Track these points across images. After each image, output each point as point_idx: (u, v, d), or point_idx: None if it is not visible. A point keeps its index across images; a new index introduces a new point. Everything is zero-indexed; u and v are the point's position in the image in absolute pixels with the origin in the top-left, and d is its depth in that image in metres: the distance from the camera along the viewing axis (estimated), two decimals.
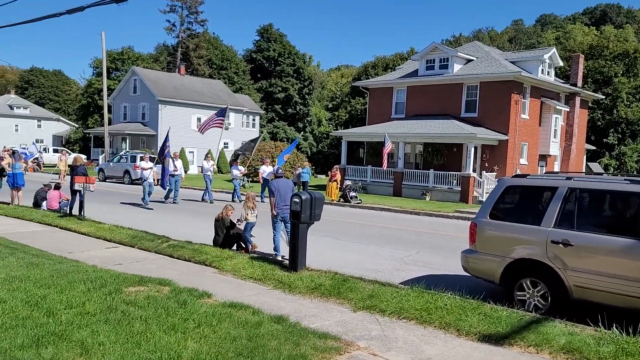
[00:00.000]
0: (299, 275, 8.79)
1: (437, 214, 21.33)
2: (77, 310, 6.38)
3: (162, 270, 9.23)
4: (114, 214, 16.98)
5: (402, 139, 29.47)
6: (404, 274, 10.01)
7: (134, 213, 17.88)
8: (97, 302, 6.74)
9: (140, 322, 6.10)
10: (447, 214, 21.26)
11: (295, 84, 64.13)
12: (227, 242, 11.31)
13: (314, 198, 9.32)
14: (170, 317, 6.34)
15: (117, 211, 18.16)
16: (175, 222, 16.23)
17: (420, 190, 28.15)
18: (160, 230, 13.43)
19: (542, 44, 71.07)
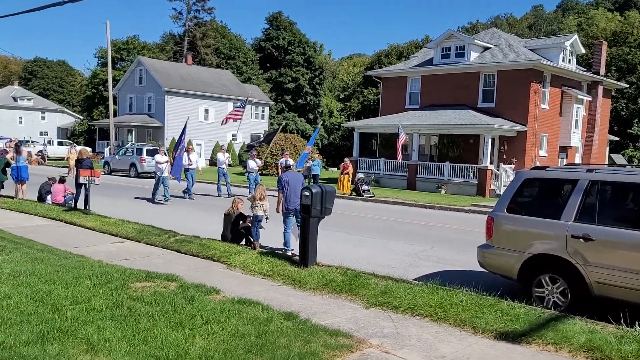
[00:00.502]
0: (309, 271, 8.82)
1: (452, 207, 21.25)
2: (83, 306, 6.46)
3: (169, 266, 9.31)
4: (119, 208, 17.14)
5: (417, 130, 29.35)
6: (418, 270, 10.01)
7: (141, 207, 18.02)
8: (103, 298, 6.81)
9: (147, 318, 6.16)
10: (463, 207, 21.18)
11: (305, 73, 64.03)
12: (235, 237, 11.36)
13: (324, 191, 9.32)
14: (178, 313, 6.39)
15: (123, 205, 18.31)
16: (184, 216, 16.33)
17: (435, 184, 28.06)
18: (168, 224, 13.53)
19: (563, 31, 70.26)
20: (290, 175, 10.73)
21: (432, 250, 12.23)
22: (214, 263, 9.71)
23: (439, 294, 7.55)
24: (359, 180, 24.89)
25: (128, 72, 51.38)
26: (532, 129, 28.50)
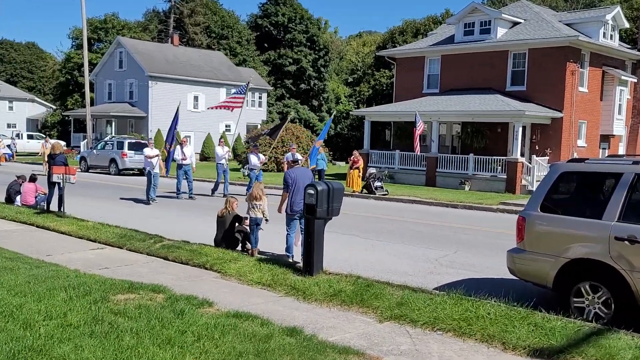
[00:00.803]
0: (314, 280, 8.83)
1: (478, 206, 21.24)
2: (58, 322, 6.49)
3: (155, 275, 9.34)
4: (98, 210, 17.20)
5: (436, 118, 29.32)
6: (439, 278, 10.00)
7: (123, 208, 18.09)
8: (81, 313, 6.84)
9: (131, 335, 6.18)
10: (490, 206, 21.17)
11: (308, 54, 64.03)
12: (230, 242, 11.38)
13: (331, 189, 9.32)
14: (166, 329, 6.41)
15: (103, 206, 18.38)
16: (172, 219, 16.37)
17: (458, 179, 28.03)
18: (154, 228, 13.58)
19: (604, 2, 69.91)
20: (299, 171, 10.71)
21: (455, 255, 12.21)
22: (206, 272, 9.74)
23: (463, 306, 7.54)
24: (371, 175, 24.90)
25: (106, 55, 51.56)
26: (569, 116, 28.40)
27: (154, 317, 6.79)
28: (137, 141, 34.82)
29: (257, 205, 11.08)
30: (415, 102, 31.72)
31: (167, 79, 48.04)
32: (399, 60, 35.02)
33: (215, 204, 18.73)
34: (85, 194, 21.36)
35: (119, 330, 6.30)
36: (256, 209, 11.09)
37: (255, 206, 11.09)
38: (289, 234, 10.62)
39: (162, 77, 47.74)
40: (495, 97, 29.04)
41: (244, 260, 10.14)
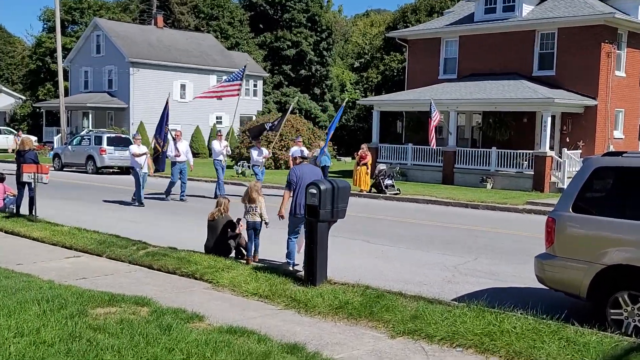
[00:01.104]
0: (318, 291, 8.84)
1: (501, 206, 21.25)
2: (30, 339, 6.51)
3: (138, 286, 9.36)
4: (75, 213, 17.25)
5: (454, 108, 29.31)
6: (458, 288, 10.01)
7: (103, 211, 18.13)
8: (56, 328, 6.86)
9: (112, 353, 6.20)
10: (516, 206, 21.18)
11: (309, 36, 64.00)
12: (223, 248, 11.40)
13: (336, 188, 9.32)
14: (151, 346, 6.43)
15: (80, 209, 18.43)
16: (158, 223, 16.40)
17: (479, 176, 28.02)
18: (137, 233, 13.61)
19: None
20: (306, 169, 10.69)
21: (476, 262, 12.22)
22: (196, 282, 9.76)
23: (485, 319, 7.54)
24: (381, 172, 24.90)
25: (82, 39, 51.65)
26: (604, 104, 28.36)
27: (137, 333, 6.80)
28: (118, 135, 34.86)
29: (253, 207, 11.08)
30: (430, 89, 31.70)
31: (150, 66, 48.12)
32: (412, 42, 34.99)
33: (211, 207, 18.77)
34: (59, 196, 21.42)
35: (99, 348, 6.32)
36: (253, 212, 11.09)
37: (252, 209, 11.08)
38: (290, 238, 10.62)
39: (144, 64, 47.80)
40: (521, 83, 29.00)
41: (238, 268, 10.16)
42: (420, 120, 31.87)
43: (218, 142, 22.20)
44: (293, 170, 10.63)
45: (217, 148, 22.06)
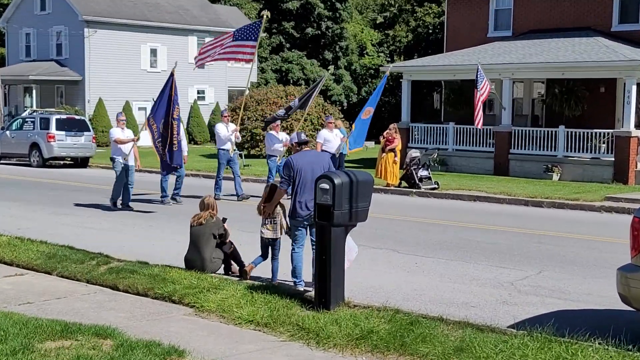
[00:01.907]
0: (333, 316, 8.81)
1: (572, 203, 21.16)
2: None
3: (99, 312, 9.35)
4: (17, 219, 17.26)
5: (509, 75, 29.14)
6: (516, 310, 9.96)
7: (54, 216, 18.14)
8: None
9: None
10: (591, 203, 21.10)
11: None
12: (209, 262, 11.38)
13: (355, 182, 9.27)
14: None
15: (22, 214, 18.47)
16: (126, 229, 16.45)
17: (542, 164, 27.90)
18: (99, 244, 13.62)
19: None
20: (308, 158, 10.65)
21: (540, 276, 12.15)
22: (174, 306, 9.73)
23: (553, 351, 7.49)
24: (413, 161, 24.77)
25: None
26: None
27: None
28: (70, 117, 34.93)
29: (273, 218, 10.97)
30: (477, 51, 31.55)
31: (111, 25, 48.14)
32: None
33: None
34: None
35: None
36: (272, 224, 11.01)
37: (271, 220, 11.01)
38: (295, 249, 10.60)
39: (103, 23, 47.81)
40: (596, 41, 28.83)
41: (228, 288, 10.12)
42: (463, 91, 31.73)
43: (224, 126, 21.82)
44: (290, 160, 10.55)
45: (223, 133, 21.59)
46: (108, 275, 11.08)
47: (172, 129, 17.62)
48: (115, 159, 19.62)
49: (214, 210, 11.61)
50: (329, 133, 22.83)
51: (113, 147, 19.79)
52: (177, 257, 11.98)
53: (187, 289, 10.10)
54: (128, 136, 19.86)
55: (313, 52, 64.22)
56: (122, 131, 19.82)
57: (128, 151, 19.41)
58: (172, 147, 17.81)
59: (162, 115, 17.87)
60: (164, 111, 17.83)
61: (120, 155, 19.46)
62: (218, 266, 11.53)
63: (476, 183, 25.61)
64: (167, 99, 17.83)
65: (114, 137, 19.70)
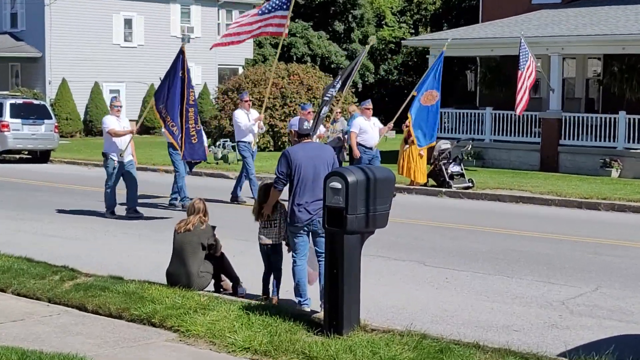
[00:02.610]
0: (346, 343, 8.80)
1: (635, 205, 21.13)
2: None
3: (64, 338, 9.34)
4: None
5: (557, 51, 29.07)
6: (568, 335, 9.95)
7: (10, 221, 18.13)
8: None
9: None
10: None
11: None
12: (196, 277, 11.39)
13: (373, 180, 9.26)
14: None
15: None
16: (97, 237, 16.48)
17: (599, 157, 27.83)
18: (62, 255, 13.64)
19: None
20: (308, 151, 10.65)
21: (596, 294, 12.12)
22: (155, 330, 9.72)
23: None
24: (442, 154, 24.71)
25: None
26: None
27: None
28: (28, 102, 34.92)
29: (273, 222, 11.04)
30: (520, 20, 31.53)
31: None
32: None
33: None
34: None
35: None
36: (272, 229, 11.06)
37: (271, 224, 11.06)
38: (296, 261, 10.63)
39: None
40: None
41: (220, 308, 10.10)
42: (502, 70, 31.71)
43: (244, 113, 21.23)
44: (285, 156, 10.53)
45: (244, 122, 21.08)
46: (74, 293, 11.07)
47: (187, 118, 17.20)
48: (108, 155, 18.98)
49: (205, 216, 11.59)
50: (366, 121, 22.07)
51: (106, 141, 19.12)
52: (158, 270, 12.00)
53: (170, 310, 10.08)
54: (125, 127, 19.17)
55: (321, 23, 64.19)
56: (117, 120, 19.10)
57: (125, 146, 18.82)
58: (191, 139, 17.37)
59: (176, 103, 17.38)
60: (177, 98, 17.37)
61: (116, 151, 18.80)
62: (207, 282, 11.52)
63: (519, 181, 25.58)
64: (179, 82, 17.44)
65: (108, 127, 18.92)
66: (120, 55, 48.79)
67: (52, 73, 47.27)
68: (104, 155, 19.31)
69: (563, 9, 31.55)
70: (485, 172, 28.20)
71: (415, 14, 66.99)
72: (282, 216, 11.07)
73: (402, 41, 49.14)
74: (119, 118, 19.23)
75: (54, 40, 47.33)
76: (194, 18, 52.38)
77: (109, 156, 18.89)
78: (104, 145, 19.28)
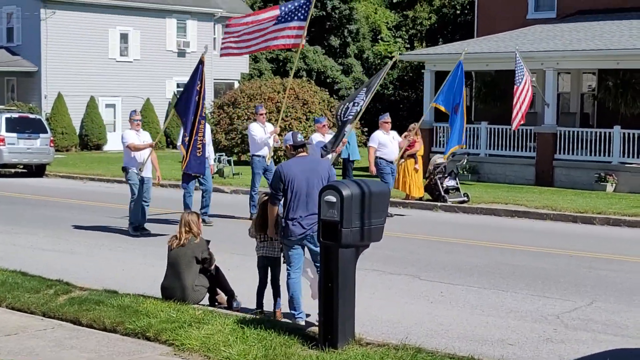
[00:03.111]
0: (340, 357, 8.77)
1: (630, 220, 21.14)
2: None
3: (58, 352, 9.32)
4: None
5: (552, 65, 29.12)
6: (564, 349, 9.94)
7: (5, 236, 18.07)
8: None
9: None
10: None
11: None
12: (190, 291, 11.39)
13: (368, 194, 9.25)
14: None
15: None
16: (92, 251, 16.46)
17: (594, 172, 27.85)
18: (57, 269, 13.61)
19: None
20: (302, 165, 10.64)
21: (591, 307, 12.12)
22: (150, 344, 9.69)
23: None
24: (437, 168, 24.70)
25: None
26: None
27: None
28: (23, 116, 34.86)
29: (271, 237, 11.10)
30: (515, 35, 31.58)
31: (72, 5, 48.13)
32: None
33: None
34: None
35: None
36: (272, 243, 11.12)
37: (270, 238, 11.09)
38: (290, 274, 10.63)
39: (63, 2, 47.72)
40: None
41: (214, 322, 10.09)
42: (498, 84, 31.75)
43: (260, 127, 20.77)
44: (277, 171, 10.53)
45: (259, 135, 20.65)
46: (69, 306, 11.05)
47: (197, 130, 17.00)
48: (128, 169, 18.68)
49: (198, 229, 11.59)
50: (385, 135, 21.88)
51: (126, 155, 18.82)
52: (153, 284, 11.98)
53: (165, 324, 10.07)
54: (144, 140, 18.93)
55: (316, 38, 64.22)
56: (137, 134, 18.83)
57: (145, 160, 18.47)
58: (196, 152, 17.22)
59: (190, 114, 17.19)
60: (192, 109, 17.16)
61: (135, 165, 18.51)
62: (202, 295, 11.50)
63: (514, 195, 25.60)
64: (195, 93, 17.21)
65: (127, 141, 18.64)
66: (116, 69, 48.80)
67: (47, 87, 47.23)
68: (124, 169, 19.04)
69: (558, 24, 31.61)
70: (480, 186, 28.22)
71: (411, 29, 67.04)
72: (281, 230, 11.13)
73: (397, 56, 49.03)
74: (138, 132, 18.90)
75: (50, 54, 47.34)
76: (190, 33, 52.40)
77: (129, 170, 18.62)
78: (124, 160, 18.97)
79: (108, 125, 48.77)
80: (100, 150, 47.56)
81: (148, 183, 18.86)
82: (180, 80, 50.60)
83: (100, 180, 31.46)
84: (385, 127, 22.01)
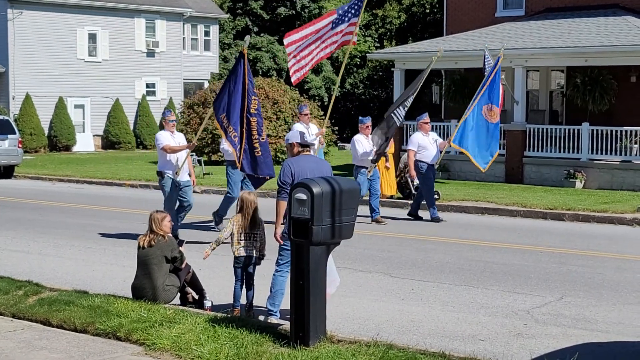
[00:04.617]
0: (312, 354, 8.78)
1: (599, 216, 21.26)
2: None
3: (28, 353, 9.29)
4: None
5: (521, 63, 29.23)
6: (534, 344, 10.00)
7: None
8: None
9: None
10: (622, 215, 21.20)
11: None
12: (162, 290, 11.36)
13: (339, 191, 9.25)
14: None
15: None
16: (62, 252, 16.42)
17: (563, 168, 27.96)
18: (26, 270, 13.59)
19: None
20: (309, 163, 10.69)
21: (561, 303, 12.20)
22: (120, 344, 9.66)
23: None
24: (407, 166, 24.71)
25: None
26: None
27: None
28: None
29: (254, 235, 11.15)
30: (483, 33, 31.66)
31: (40, 5, 47.86)
32: None
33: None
34: None
35: None
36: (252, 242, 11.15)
37: (252, 237, 11.14)
38: (283, 271, 10.69)
39: (31, 2, 47.45)
40: (625, 21, 29.01)
41: (185, 321, 10.06)
42: (468, 82, 31.81)
43: (304, 127, 18.99)
44: (287, 166, 10.58)
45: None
46: (38, 307, 11.00)
47: (250, 129, 15.40)
48: (164, 173, 17.49)
49: (166, 228, 11.56)
50: (425, 138, 21.05)
51: (161, 158, 17.63)
52: (123, 284, 11.96)
53: (136, 323, 10.03)
54: (180, 143, 17.72)
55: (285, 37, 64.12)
56: (171, 136, 17.63)
57: (181, 163, 17.44)
58: (254, 152, 15.50)
59: (237, 110, 15.58)
60: (239, 105, 15.56)
61: (172, 168, 17.38)
62: (173, 295, 11.47)
63: (484, 192, 25.76)
64: (240, 88, 15.60)
65: (162, 143, 17.38)
66: (84, 70, 48.55)
67: (15, 88, 46.92)
68: (159, 174, 17.77)
69: (526, 22, 31.72)
70: (451, 184, 28.31)
71: (380, 28, 67.17)
72: (263, 230, 11.20)
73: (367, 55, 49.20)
74: (173, 134, 17.77)
75: (17, 55, 47.02)
76: (159, 32, 52.19)
77: (164, 174, 17.46)
78: (159, 163, 17.86)
79: (77, 125, 48.44)
80: (70, 151, 47.26)
81: (187, 185, 17.56)
82: (149, 80, 50.64)
83: (69, 181, 31.31)
84: (425, 128, 21.19)
